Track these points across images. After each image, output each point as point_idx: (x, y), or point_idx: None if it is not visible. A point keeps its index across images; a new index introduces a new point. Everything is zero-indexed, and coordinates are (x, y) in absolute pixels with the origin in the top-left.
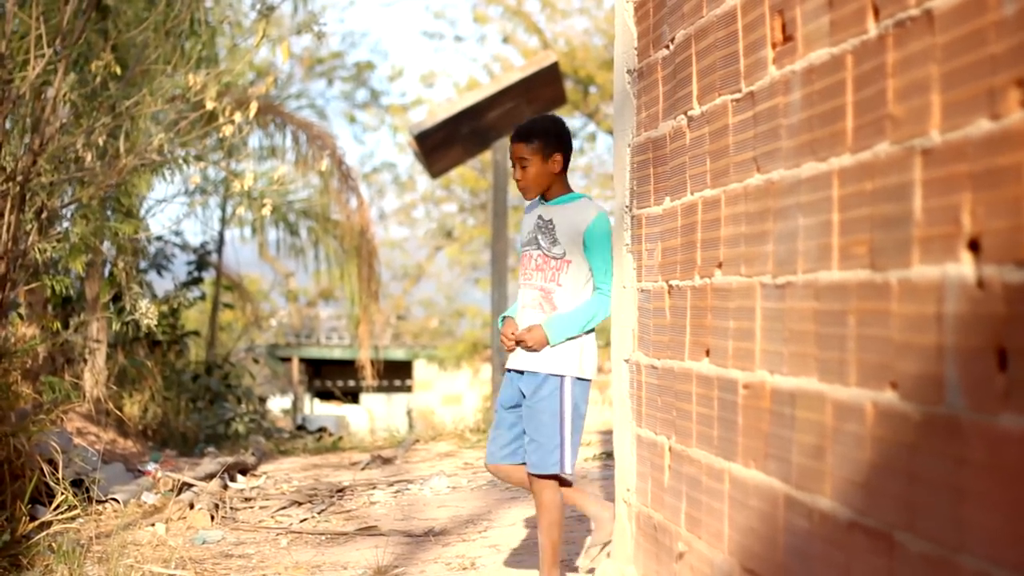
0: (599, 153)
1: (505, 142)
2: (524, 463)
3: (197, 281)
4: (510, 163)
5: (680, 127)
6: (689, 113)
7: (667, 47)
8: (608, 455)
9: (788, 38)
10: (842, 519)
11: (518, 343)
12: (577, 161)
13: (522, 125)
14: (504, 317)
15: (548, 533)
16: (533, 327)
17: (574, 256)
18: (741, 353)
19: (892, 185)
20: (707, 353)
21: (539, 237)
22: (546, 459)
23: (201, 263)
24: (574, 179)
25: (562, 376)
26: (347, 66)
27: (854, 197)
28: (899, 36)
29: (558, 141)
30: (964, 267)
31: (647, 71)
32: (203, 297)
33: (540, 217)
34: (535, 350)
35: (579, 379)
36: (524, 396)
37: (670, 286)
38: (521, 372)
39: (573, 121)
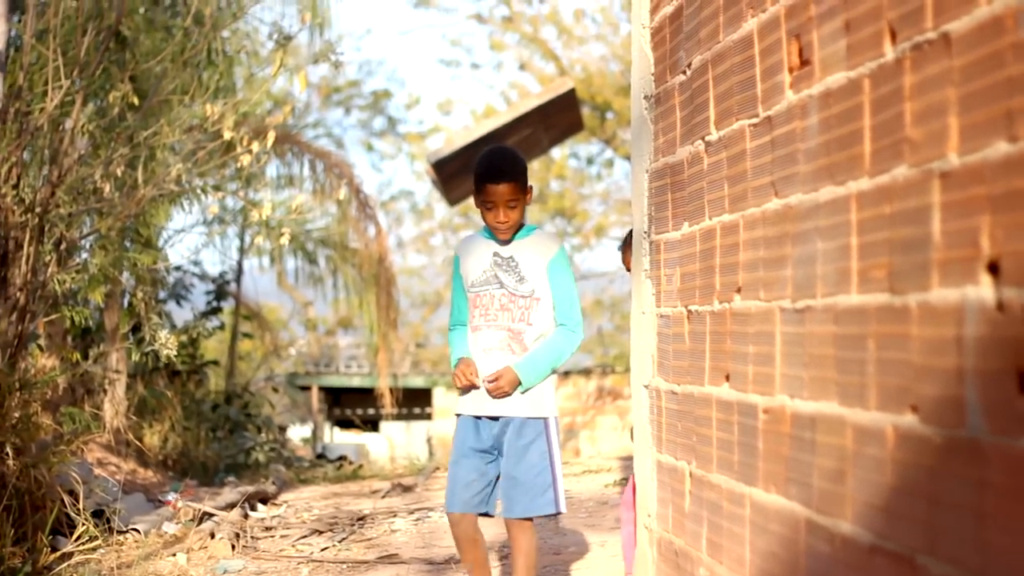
0: (616, 179)
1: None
2: (486, 513)
3: (216, 311)
4: (485, 205)
5: (698, 152)
6: (707, 138)
7: (684, 72)
8: (627, 481)
9: (805, 62)
10: (863, 543)
11: (492, 389)
12: (594, 187)
13: (501, 162)
14: (461, 358)
15: (530, 563)
16: (504, 371)
17: (543, 293)
18: (761, 378)
19: (910, 208)
20: (727, 378)
21: (500, 275)
22: (537, 500)
23: (220, 293)
24: (592, 204)
25: (545, 418)
26: (364, 95)
27: (872, 221)
28: (916, 59)
29: (527, 173)
30: (983, 290)
31: (664, 97)
32: (222, 327)
33: (497, 255)
34: (507, 394)
35: (556, 419)
36: (496, 442)
37: (689, 311)
38: (494, 418)
39: (590, 147)
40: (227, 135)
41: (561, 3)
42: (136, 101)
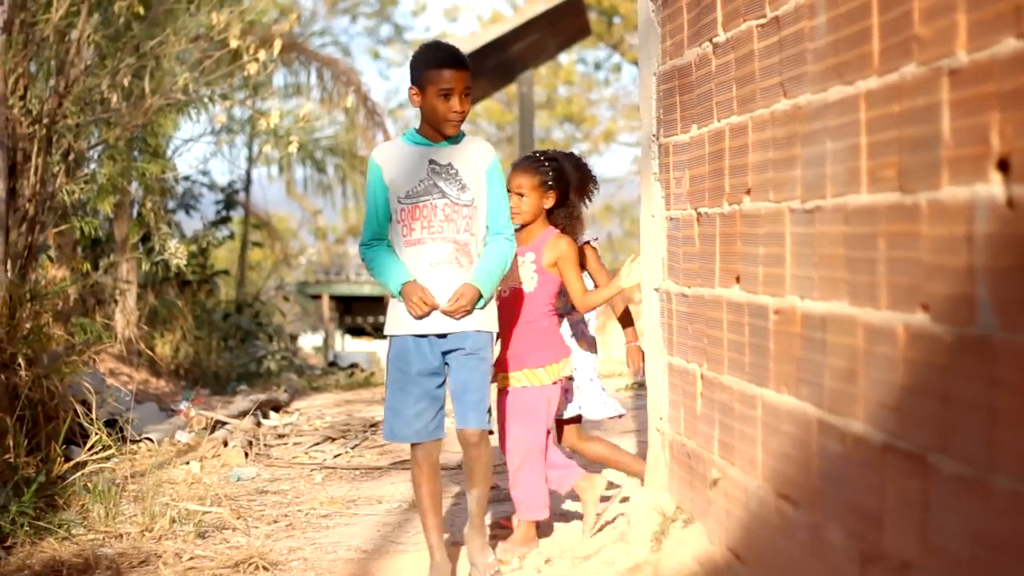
0: (624, 84)
1: (530, 75)
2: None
3: (225, 220)
4: (440, 92)
5: (705, 54)
6: (714, 40)
7: None
8: (640, 385)
9: None
10: (875, 442)
11: (455, 309)
12: (602, 92)
13: (456, 50)
14: (405, 283)
15: (486, 484)
16: (463, 288)
17: (480, 201)
18: (771, 279)
19: (919, 107)
20: (737, 280)
21: (440, 184)
22: (485, 413)
23: (229, 202)
24: (600, 110)
25: (491, 333)
26: (370, 2)
27: (881, 120)
28: None
29: None
30: (994, 187)
31: None
32: (232, 236)
33: (434, 162)
34: (469, 313)
35: (495, 335)
36: (441, 360)
37: (699, 214)
38: (441, 336)
39: (598, 53)
40: (233, 44)
41: None
42: (142, 11)
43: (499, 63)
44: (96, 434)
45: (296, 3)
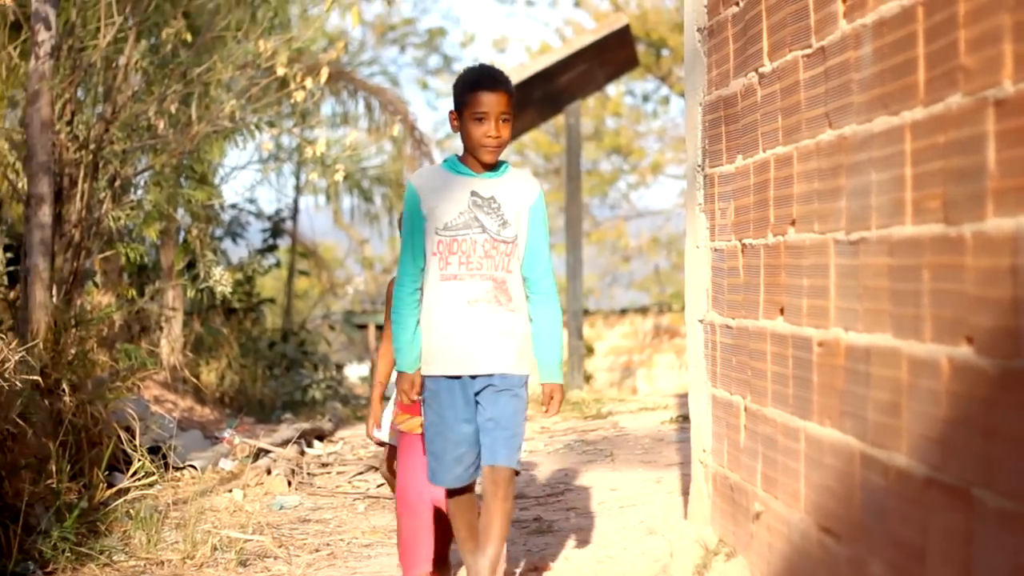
0: (672, 116)
1: (577, 106)
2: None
3: (272, 248)
4: (475, 116)
5: (751, 84)
6: (760, 70)
7: (737, 4)
8: (685, 418)
9: None
10: (918, 476)
11: (552, 414)
12: (650, 125)
13: (496, 72)
14: (405, 372)
15: (502, 543)
16: (553, 391)
17: (521, 238)
18: (815, 311)
19: (965, 137)
20: (781, 311)
21: (481, 218)
22: (516, 452)
23: (276, 230)
24: (648, 142)
25: (527, 376)
26: (419, 32)
27: (927, 151)
28: None
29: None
30: None
31: (717, 29)
32: (278, 264)
33: (476, 194)
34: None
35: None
36: (477, 395)
37: (744, 245)
38: (477, 377)
39: (646, 84)
40: (280, 71)
41: None
42: (189, 38)
43: (546, 94)
44: (139, 460)
45: (345, 33)
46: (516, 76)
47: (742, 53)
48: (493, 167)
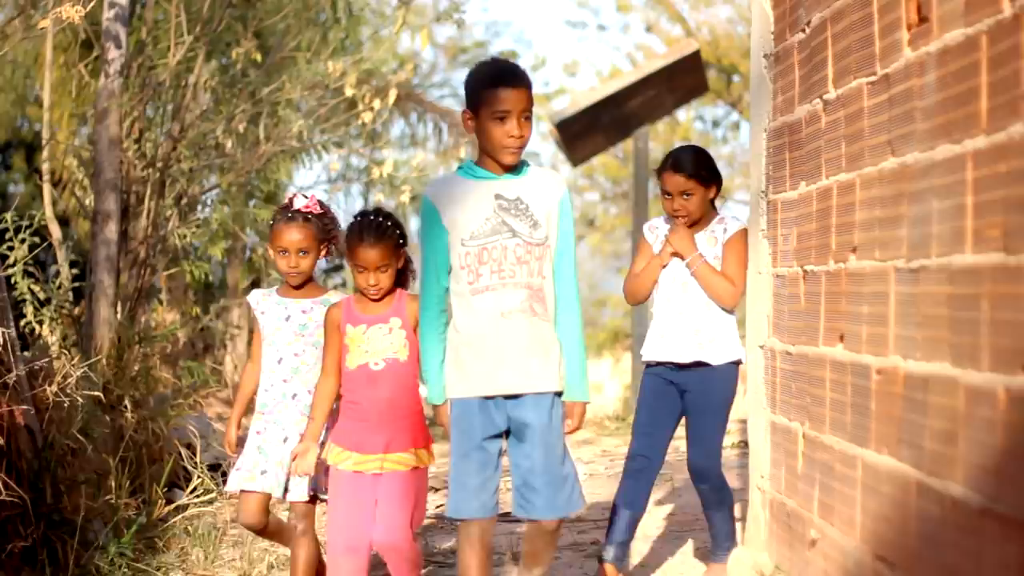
0: (742, 142)
1: (646, 130)
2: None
3: (338, 268)
4: (495, 115)
5: (816, 111)
6: (824, 97)
7: (803, 30)
8: (746, 443)
9: (923, 19)
10: (974, 505)
11: (572, 432)
12: (720, 150)
13: (515, 66)
14: (437, 405)
15: (547, 566)
16: (575, 409)
17: (552, 239)
18: (875, 338)
19: None
20: (841, 338)
21: (509, 221)
22: (562, 495)
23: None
24: (718, 167)
25: (560, 393)
26: (491, 55)
27: (988, 179)
28: None
29: None
30: None
31: (783, 55)
32: (344, 284)
33: (500, 196)
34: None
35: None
36: (506, 422)
37: (805, 271)
38: (510, 397)
39: (716, 110)
40: (349, 92)
41: None
42: (259, 58)
43: (615, 118)
44: (199, 478)
45: (416, 54)
46: (586, 100)
47: (807, 80)
48: (514, 167)
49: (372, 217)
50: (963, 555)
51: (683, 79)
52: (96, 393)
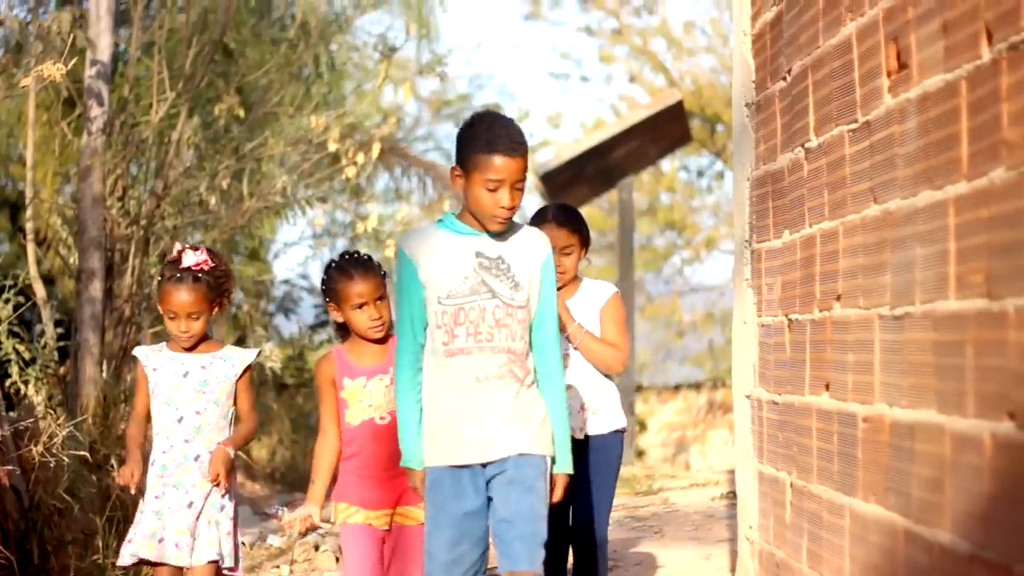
0: (727, 192)
1: (631, 181)
2: None
3: (324, 324)
4: (487, 184)
5: (798, 159)
6: (806, 145)
7: (784, 79)
8: (735, 494)
9: (903, 66)
10: (962, 552)
11: (556, 501)
12: (704, 200)
13: (515, 131)
14: (412, 468)
15: None
16: (557, 480)
17: (533, 302)
18: (860, 386)
19: (1008, 211)
20: (827, 387)
21: (489, 281)
22: (539, 551)
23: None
24: (703, 217)
25: (545, 457)
26: (474, 108)
27: (970, 225)
28: (1013, 60)
29: None
30: None
31: (765, 104)
32: (330, 340)
33: (481, 255)
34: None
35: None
36: (489, 483)
37: (790, 320)
38: (488, 464)
39: (700, 160)
40: (332, 147)
41: (671, 15)
42: (242, 113)
43: (599, 169)
44: None
45: (399, 108)
46: (570, 151)
47: (789, 128)
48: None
49: (350, 255)
50: None
51: (667, 129)
52: (82, 453)
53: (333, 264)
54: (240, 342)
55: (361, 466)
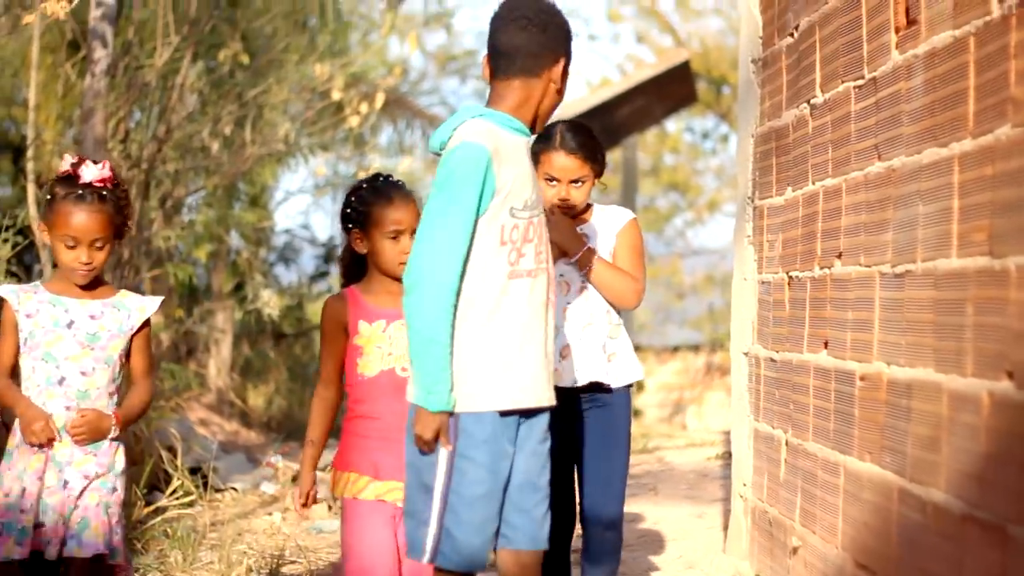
0: (731, 154)
1: (635, 139)
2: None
3: (324, 275)
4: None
5: (803, 116)
6: (812, 101)
7: (791, 35)
8: (730, 455)
9: (912, 21)
10: (955, 512)
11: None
12: (708, 162)
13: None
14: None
15: None
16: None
17: None
18: (859, 344)
19: (1013, 169)
20: (825, 345)
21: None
22: (544, 524)
23: (329, 257)
24: (706, 179)
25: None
26: (481, 64)
27: (974, 182)
28: (1022, 16)
29: None
30: None
31: (771, 60)
32: (330, 291)
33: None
34: None
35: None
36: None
37: (790, 277)
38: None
39: (705, 122)
40: (336, 96)
41: None
42: (246, 60)
43: (604, 127)
44: (179, 480)
45: (405, 61)
46: (575, 109)
47: (795, 84)
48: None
49: (384, 177)
50: (944, 562)
51: (672, 88)
52: None
53: (365, 185)
54: (239, 288)
55: (377, 426)
